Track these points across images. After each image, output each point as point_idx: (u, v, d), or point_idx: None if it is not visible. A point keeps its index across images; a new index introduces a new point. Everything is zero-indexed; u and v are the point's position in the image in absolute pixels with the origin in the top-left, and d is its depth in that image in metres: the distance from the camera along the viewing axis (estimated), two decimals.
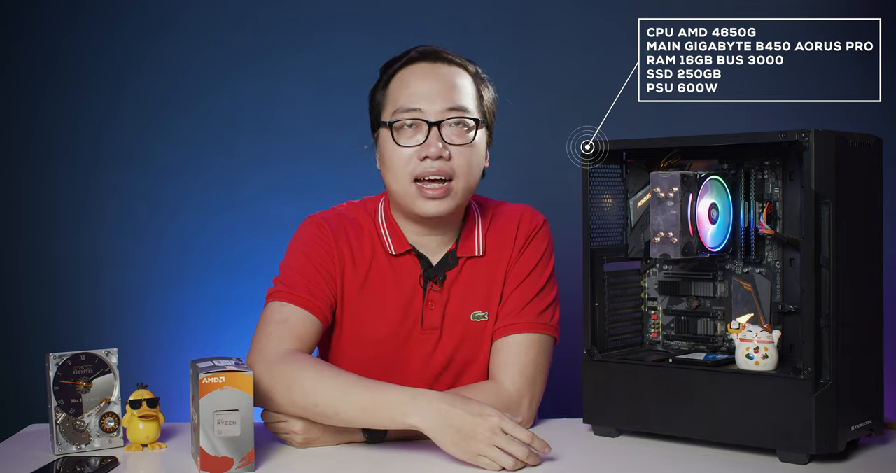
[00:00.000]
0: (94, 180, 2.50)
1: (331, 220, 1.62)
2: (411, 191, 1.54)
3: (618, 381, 1.45)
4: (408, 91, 1.55)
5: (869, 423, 1.36)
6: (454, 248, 1.62)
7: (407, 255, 1.61)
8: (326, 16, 2.51)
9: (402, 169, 1.53)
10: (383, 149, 1.57)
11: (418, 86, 1.55)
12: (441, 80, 1.56)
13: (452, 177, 1.53)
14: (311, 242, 1.60)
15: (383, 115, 1.58)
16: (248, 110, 2.51)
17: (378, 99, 1.60)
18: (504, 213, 1.67)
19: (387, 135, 1.56)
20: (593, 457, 1.41)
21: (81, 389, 1.45)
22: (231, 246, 2.50)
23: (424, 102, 1.54)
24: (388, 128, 1.55)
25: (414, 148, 1.53)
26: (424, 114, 1.53)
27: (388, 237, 1.61)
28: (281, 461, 1.38)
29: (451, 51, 1.60)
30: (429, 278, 1.60)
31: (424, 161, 1.52)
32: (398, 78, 1.58)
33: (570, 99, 2.44)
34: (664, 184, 1.42)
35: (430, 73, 1.56)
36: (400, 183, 1.54)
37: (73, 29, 2.49)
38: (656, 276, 1.59)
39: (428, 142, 1.52)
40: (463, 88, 1.57)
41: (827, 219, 1.29)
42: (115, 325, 2.49)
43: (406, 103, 1.54)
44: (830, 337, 1.29)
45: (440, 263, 1.61)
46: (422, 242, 1.62)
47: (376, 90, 1.61)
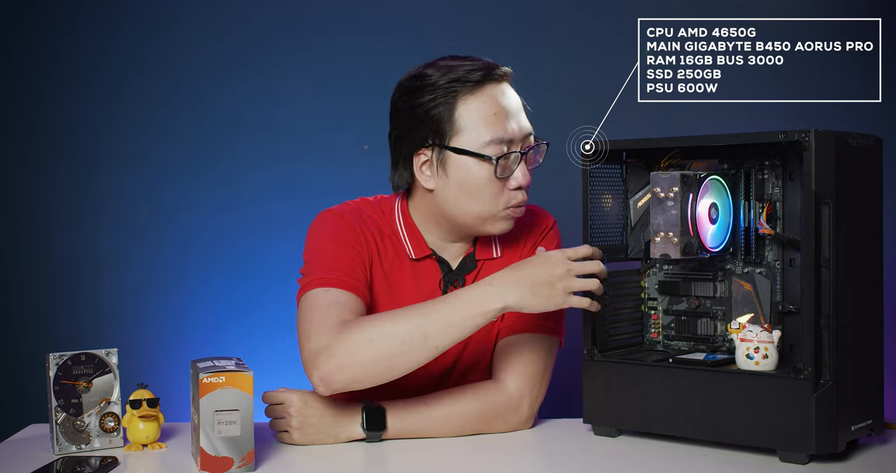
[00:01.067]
0: (94, 180, 2.50)
1: (353, 213, 1.60)
2: (499, 216, 1.54)
3: (618, 381, 1.45)
4: (495, 119, 1.51)
5: (869, 423, 1.36)
6: (472, 251, 1.62)
7: (427, 259, 1.61)
8: (326, 16, 2.51)
9: (495, 199, 1.53)
10: (467, 177, 1.52)
11: (502, 112, 1.52)
12: (515, 104, 1.55)
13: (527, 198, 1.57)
14: (339, 231, 1.57)
15: (459, 142, 1.51)
16: (248, 110, 2.51)
17: (441, 121, 1.52)
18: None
19: (476, 164, 1.51)
20: (593, 457, 1.41)
21: (81, 389, 1.45)
22: (231, 247, 2.49)
23: (514, 132, 1.52)
24: (484, 160, 1.51)
25: (507, 179, 1.53)
26: (514, 144, 1.53)
27: (408, 241, 1.60)
28: (281, 461, 1.38)
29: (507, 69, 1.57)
30: (449, 282, 1.60)
31: (516, 190, 1.53)
32: (473, 102, 1.52)
33: (570, 99, 2.44)
34: (664, 184, 1.42)
35: (503, 95, 1.54)
36: (487, 210, 1.53)
37: (73, 29, 2.48)
38: (656, 276, 1.59)
39: (520, 171, 1.53)
40: (522, 106, 1.57)
41: (827, 219, 1.29)
42: (115, 325, 2.49)
43: (499, 134, 1.51)
44: (830, 337, 1.29)
45: (460, 266, 1.62)
46: (442, 247, 1.62)
47: (433, 109, 1.52)
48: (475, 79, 1.52)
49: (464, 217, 1.55)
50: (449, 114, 1.52)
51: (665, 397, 1.40)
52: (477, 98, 1.52)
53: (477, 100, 1.52)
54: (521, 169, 1.53)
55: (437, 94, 1.52)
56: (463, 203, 1.54)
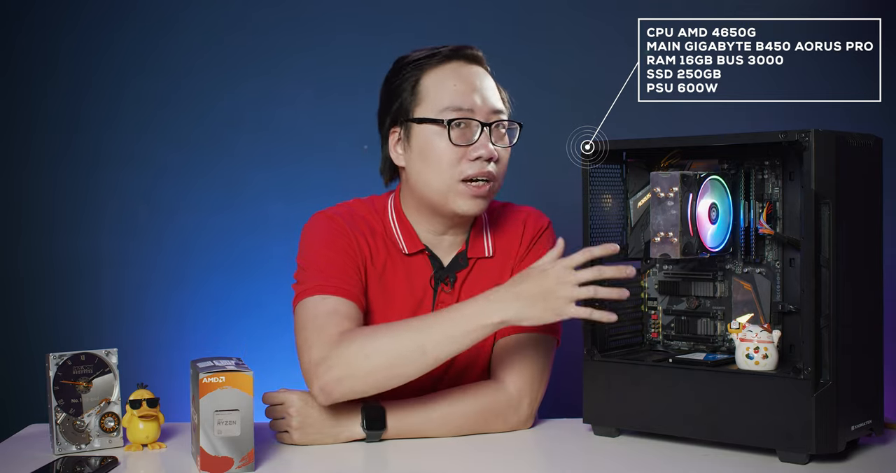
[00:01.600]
0: (94, 180, 2.50)
1: (344, 216, 1.60)
2: (457, 189, 1.53)
3: (618, 381, 1.45)
4: (453, 89, 1.53)
5: (869, 423, 1.36)
6: (464, 249, 1.62)
7: (419, 255, 1.61)
8: (326, 16, 2.51)
9: (451, 167, 1.52)
10: (426, 146, 1.54)
11: (463, 85, 1.54)
12: (481, 81, 1.56)
13: (493, 177, 1.54)
14: (332, 236, 1.57)
15: (420, 112, 1.54)
16: (248, 110, 2.51)
17: (405, 96, 1.56)
18: (511, 214, 1.68)
19: (432, 131, 1.53)
20: (593, 457, 1.41)
21: (81, 389, 1.45)
22: (231, 247, 2.49)
23: (474, 102, 1.53)
24: (440, 125, 1.52)
25: (465, 147, 1.52)
26: (475, 114, 1.53)
27: (401, 236, 1.61)
28: (281, 461, 1.38)
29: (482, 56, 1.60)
30: (440, 279, 1.60)
31: (475, 161, 1.52)
32: (434, 75, 1.55)
33: (570, 99, 2.44)
34: (664, 184, 1.42)
35: (468, 74, 1.56)
36: (444, 180, 1.53)
37: (73, 29, 2.48)
38: (656, 276, 1.59)
39: (480, 142, 1.52)
40: (495, 90, 1.58)
41: (827, 219, 1.29)
42: (115, 325, 2.49)
43: (457, 102, 1.52)
44: (830, 337, 1.29)
45: (451, 264, 1.61)
46: (434, 242, 1.62)
47: (400, 88, 1.57)
48: (443, 55, 1.55)
49: (427, 191, 1.55)
50: (413, 87, 1.55)
51: (665, 397, 1.40)
52: (440, 71, 1.55)
53: (440, 72, 1.55)
54: (483, 140, 1.52)
55: (406, 71, 1.56)
56: (424, 174, 1.54)
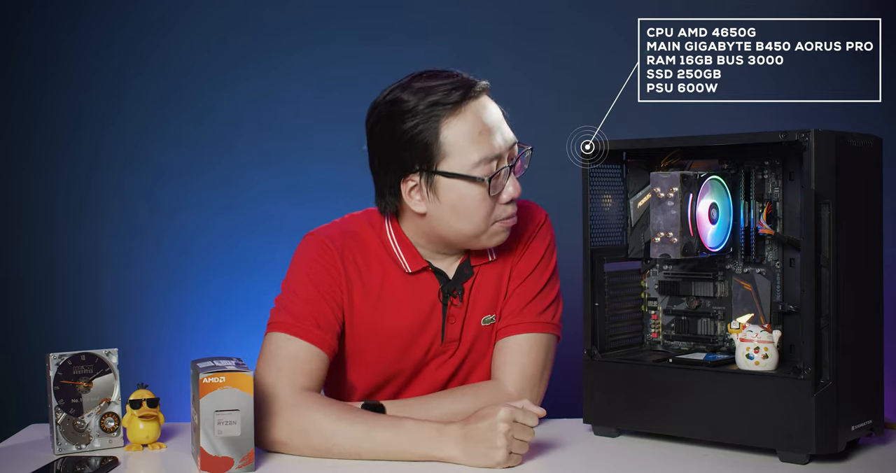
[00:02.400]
0: (94, 180, 2.50)
1: (336, 240, 1.56)
2: (491, 231, 1.52)
3: (618, 381, 1.45)
4: (481, 138, 1.47)
5: (869, 423, 1.36)
6: (467, 259, 1.59)
7: (423, 272, 1.57)
8: (327, 16, 2.51)
9: (488, 216, 1.50)
10: (458, 200, 1.48)
11: (485, 129, 1.47)
12: (496, 118, 1.50)
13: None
14: (316, 266, 1.54)
15: (448, 165, 1.47)
16: (248, 110, 2.51)
17: (425, 146, 1.47)
18: None
19: (463, 186, 1.48)
20: (593, 457, 1.40)
21: (81, 389, 1.45)
22: (231, 247, 2.50)
23: (499, 146, 1.48)
24: (475, 182, 1.47)
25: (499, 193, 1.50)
26: (502, 158, 1.49)
27: (403, 256, 1.56)
28: (281, 461, 1.38)
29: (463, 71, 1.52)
30: (448, 293, 1.57)
31: (507, 204, 1.51)
32: (456, 125, 1.47)
33: (570, 99, 2.44)
34: (664, 184, 1.42)
35: (487, 113, 1.49)
36: (480, 227, 1.50)
37: (73, 29, 2.49)
38: (656, 276, 1.59)
39: (511, 186, 1.50)
40: (502, 116, 1.53)
41: (827, 219, 1.29)
42: (115, 325, 2.49)
43: (486, 152, 1.47)
44: (830, 337, 1.29)
45: (457, 276, 1.58)
46: (436, 257, 1.58)
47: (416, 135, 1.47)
48: (455, 100, 1.46)
49: (456, 236, 1.52)
50: (434, 138, 1.47)
51: (665, 397, 1.40)
52: (460, 119, 1.47)
53: (460, 121, 1.47)
54: (512, 181, 1.50)
55: (418, 120, 1.47)
56: (456, 224, 1.51)
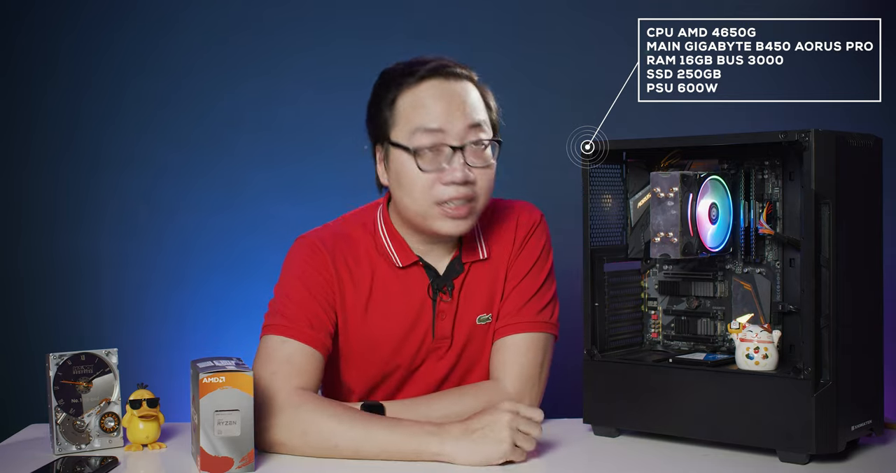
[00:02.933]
0: (94, 180, 2.50)
1: (326, 241, 1.57)
2: (432, 213, 1.49)
3: (618, 381, 1.45)
4: (424, 111, 1.48)
5: (869, 423, 1.36)
6: (458, 255, 1.59)
7: (414, 267, 1.57)
8: (327, 15, 2.51)
9: (423, 193, 1.48)
10: (399, 171, 1.50)
11: (435, 106, 1.48)
12: (456, 98, 1.49)
13: (474, 197, 1.50)
14: (308, 269, 1.55)
15: (395, 135, 1.50)
16: (248, 110, 2.51)
17: (385, 115, 1.52)
18: (502, 212, 1.64)
19: (404, 157, 1.49)
20: (593, 457, 1.41)
21: (81, 389, 1.45)
22: (231, 247, 2.50)
23: (445, 123, 1.47)
24: (407, 152, 1.48)
25: (436, 172, 1.48)
26: (446, 136, 1.47)
27: (393, 250, 1.57)
28: (281, 461, 1.38)
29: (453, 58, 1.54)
30: (438, 288, 1.57)
31: (448, 186, 1.47)
32: (409, 96, 1.50)
33: (570, 99, 2.44)
34: (664, 184, 1.42)
35: (444, 91, 1.49)
36: (420, 205, 1.49)
37: (73, 29, 2.49)
38: (656, 276, 1.59)
39: (452, 167, 1.47)
40: (476, 103, 1.51)
41: (827, 219, 1.29)
42: (115, 325, 2.49)
43: (424, 123, 1.47)
44: (830, 337, 1.29)
45: (447, 272, 1.58)
46: (427, 251, 1.58)
47: (381, 105, 1.53)
48: (421, 74, 1.49)
49: (406, 213, 1.53)
50: (390, 107, 1.51)
51: (665, 397, 1.40)
52: (416, 91, 1.49)
53: (415, 92, 1.49)
54: (456, 163, 1.47)
55: (387, 89, 1.52)
56: (402, 198, 1.52)
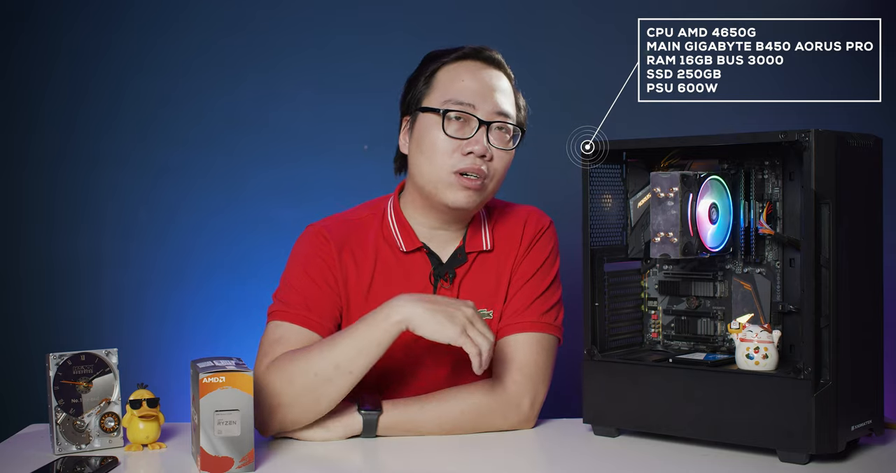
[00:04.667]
0: (94, 180, 2.50)
1: (332, 229, 1.62)
2: (448, 180, 1.54)
3: (618, 381, 1.45)
4: (462, 84, 1.56)
5: (869, 423, 1.36)
6: (462, 245, 1.63)
7: (417, 253, 1.62)
8: (326, 16, 2.51)
9: (443, 158, 1.54)
10: (423, 135, 1.56)
11: (472, 82, 1.56)
12: (492, 83, 1.58)
13: (487, 177, 1.55)
14: (311, 255, 1.60)
15: (427, 102, 1.57)
16: (248, 110, 2.51)
17: (420, 86, 1.59)
18: (512, 212, 1.68)
19: (432, 121, 1.55)
20: (593, 457, 1.41)
21: (81, 389, 1.45)
22: (231, 247, 2.49)
23: (478, 100, 1.55)
24: (437, 114, 1.54)
25: (460, 140, 1.54)
26: (476, 111, 1.55)
27: (399, 234, 1.62)
28: (281, 461, 1.38)
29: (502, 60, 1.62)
30: (439, 275, 1.61)
31: (468, 156, 1.53)
32: (449, 70, 1.58)
33: (570, 99, 2.44)
34: (664, 184, 1.42)
35: (482, 73, 1.58)
36: (436, 170, 1.55)
37: (73, 28, 2.48)
38: (656, 276, 1.59)
39: (475, 138, 1.54)
40: (508, 95, 1.60)
41: (827, 219, 1.29)
42: (115, 325, 2.49)
43: (459, 96, 1.55)
44: (830, 337, 1.29)
45: (450, 260, 1.62)
46: (431, 237, 1.62)
47: (419, 77, 1.60)
48: (465, 51, 1.59)
49: (421, 180, 1.58)
50: (428, 79, 1.59)
51: (665, 397, 1.40)
52: (456, 66, 1.58)
53: (456, 68, 1.58)
54: (479, 137, 1.54)
55: (426, 65, 1.61)
56: (419, 162, 1.57)
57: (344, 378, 1.42)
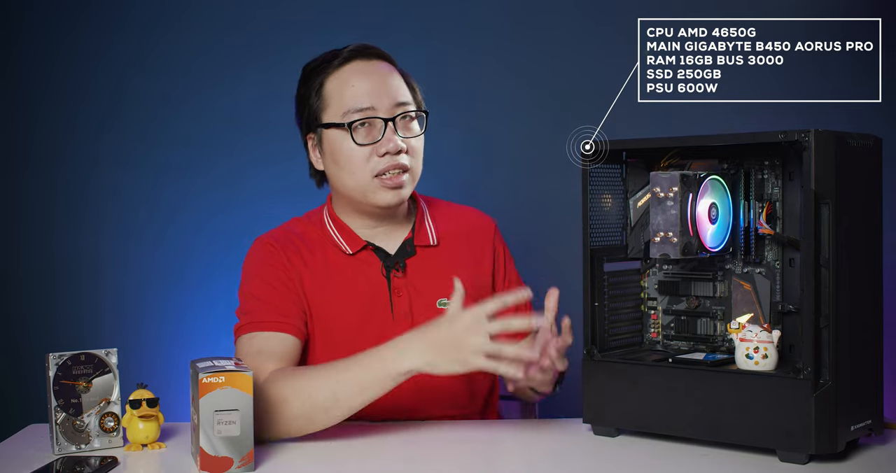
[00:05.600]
0: (94, 180, 2.50)
1: (278, 237, 1.65)
2: (372, 186, 1.57)
3: (618, 381, 1.45)
4: (353, 90, 1.57)
5: (869, 423, 1.36)
6: (410, 237, 1.66)
7: (363, 251, 1.64)
8: (327, 16, 2.51)
9: (362, 167, 1.56)
10: (335, 150, 1.59)
11: (362, 84, 1.58)
12: (381, 77, 1.59)
13: (409, 167, 1.58)
14: (264, 263, 1.63)
15: (327, 117, 1.59)
16: (248, 110, 2.51)
17: (313, 102, 1.60)
18: (454, 210, 1.75)
19: (339, 135, 1.58)
20: (593, 457, 1.41)
21: (81, 389, 1.45)
22: (231, 247, 2.49)
23: (374, 100, 1.57)
24: (343, 128, 1.56)
25: (372, 145, 1.56)
26: (376, 111, 1.56)
27: (341, 238, 1.64)
28: (281, 461, 1.38)
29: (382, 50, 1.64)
30: (390, 266, 1.63)
31: (384, 157, 1.56)
32: (335, 78, 1.59)
33: (571, 99, 2.44)
34: (664, 184, 1.42)
35: (368, 71, 1.59)
36: (359, 180, 1.57)
37: (73, 28, 2.49)
38: (656, 276, 1.59)
39: (386, 138, 1.56)
40: (399, 83, 1.62)
41: (827, 219, 1.29)
42: (115, 325, 2.49)
43: (356, 103, 1.56)
44: (830, 337, 1.29)
45: (399, 251, 1.65)
46: (374, 235, 1.65)
47: (308, 93, 1.61)
48: (344, 56, 1.60)
49: (346, 192, 1.60)
50: (318, 93, 1.59)
51: (665, 397, 1.40)
52: (340, 73, 1.59)
53: (340, 75, 1.59)
54: (389, 135, 1.56)
55: (311, 79, 1.62)
56: (340, 177, 1.59)
57: (341, 410, 1.41)
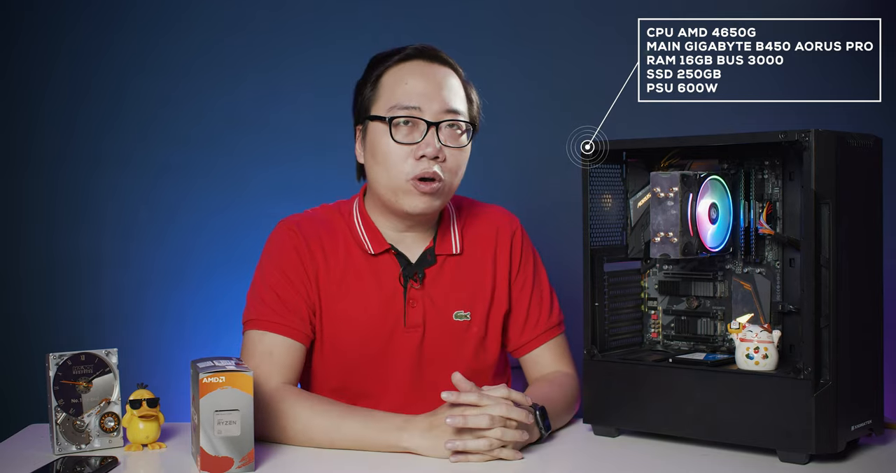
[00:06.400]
0: (94, 180, 2.50)
1: (303, 225, 1.62)
2: (404, 188, 1.54)
3: (618, 381, 1.45)
4: (405, 88, 1.54)
5: (869, 423, 1.36)
6: (432, 246, 1.63)
7: (385, 254, 1.61)
8: (327, 16, 2.51)
9: (397, 166, 1.53)
10: (375, 144, 1.55)
11: (417, 84, 1.54)
12: (438, 81, 1.55)
13: (444, 177, 1.54)
14: (284, 251, 1.60)
15: (375, 109, 1.56)
16: (248, 110, 2.51)
17: (367, 92, 1.58)
18: (480, 213, 1.70)
19: (380, 129, 1.54)
20: (593, 457, 1.41)
21: (81, 389, 1.45)
22: (231, 246, 2.50)
23: (423, 101, 1.53)
24: (384, 123, 1.53)
25: (410, 146, 1.53)
26: (423, 113, 1.53)
27: (366, 237, 1.61)
28: (281, 461, 1.38)
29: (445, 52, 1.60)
30: (409, 276, 1.60)
31: (420, 160, 1.52)
32: (393, 73, 1.56)
33: (571, 99, 2.44)
34: (664, 184, 1.42)
35: (426, 72, 1.56)
36: (391, 178, 1.54)
37: (74, 28, 2.49)
38: (656, 276, 1.59)
39: (426, 141, 1.52)
40: (457, 91, 1.58)
41: (827, 219, 1.29)
42: (115, 325, 2.49)
43: (404, 100, 1.53)
44: (830, 337, 1.29)
45: (419, 261, 1.62)
46: (399, 240, 1.62)
47: (366, 83, 1.59)
48: (408, 52, 1.57)
49: (378, 189, 1.57)
50: (374, 85, 1.57)
51: (665, 397, 1.40)
52: (400, 69, 1.56)
53: (399, 70, 1.56)
54: (430, 139, 1.52)
55: (372, 70, 1.59)
56: (374, 172, 1.56)
57: (334, 448, 1.43)
